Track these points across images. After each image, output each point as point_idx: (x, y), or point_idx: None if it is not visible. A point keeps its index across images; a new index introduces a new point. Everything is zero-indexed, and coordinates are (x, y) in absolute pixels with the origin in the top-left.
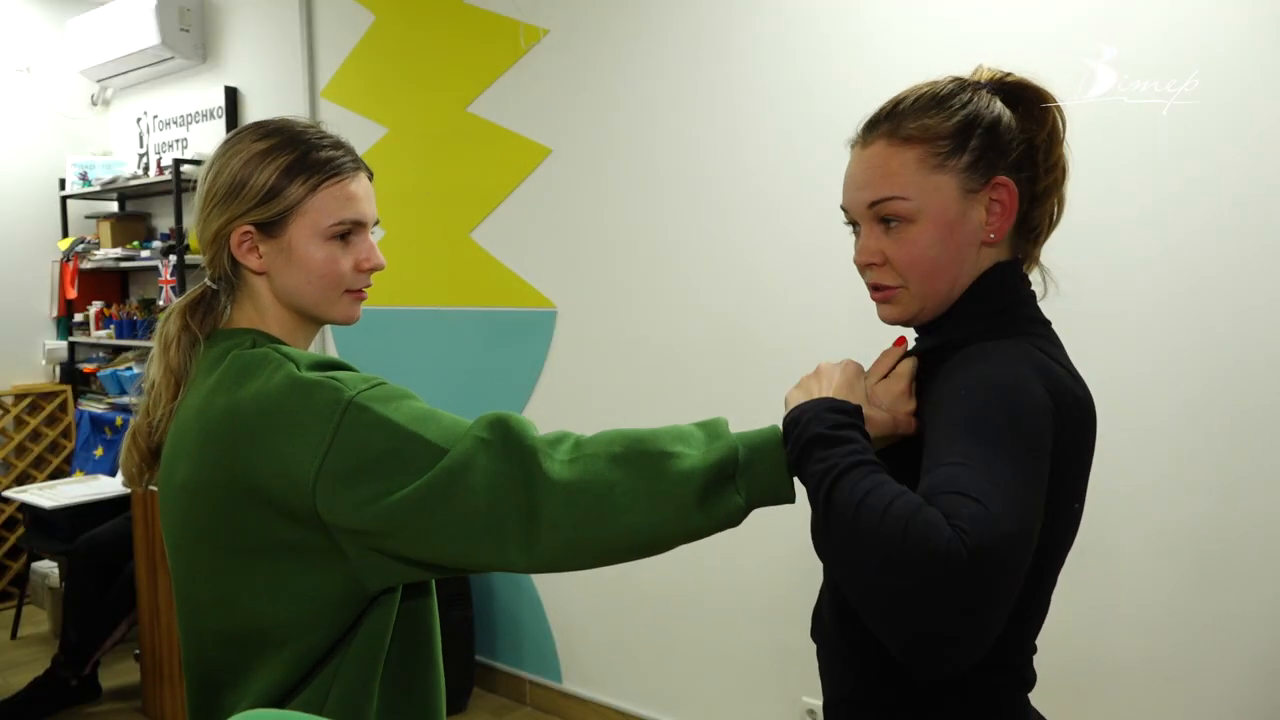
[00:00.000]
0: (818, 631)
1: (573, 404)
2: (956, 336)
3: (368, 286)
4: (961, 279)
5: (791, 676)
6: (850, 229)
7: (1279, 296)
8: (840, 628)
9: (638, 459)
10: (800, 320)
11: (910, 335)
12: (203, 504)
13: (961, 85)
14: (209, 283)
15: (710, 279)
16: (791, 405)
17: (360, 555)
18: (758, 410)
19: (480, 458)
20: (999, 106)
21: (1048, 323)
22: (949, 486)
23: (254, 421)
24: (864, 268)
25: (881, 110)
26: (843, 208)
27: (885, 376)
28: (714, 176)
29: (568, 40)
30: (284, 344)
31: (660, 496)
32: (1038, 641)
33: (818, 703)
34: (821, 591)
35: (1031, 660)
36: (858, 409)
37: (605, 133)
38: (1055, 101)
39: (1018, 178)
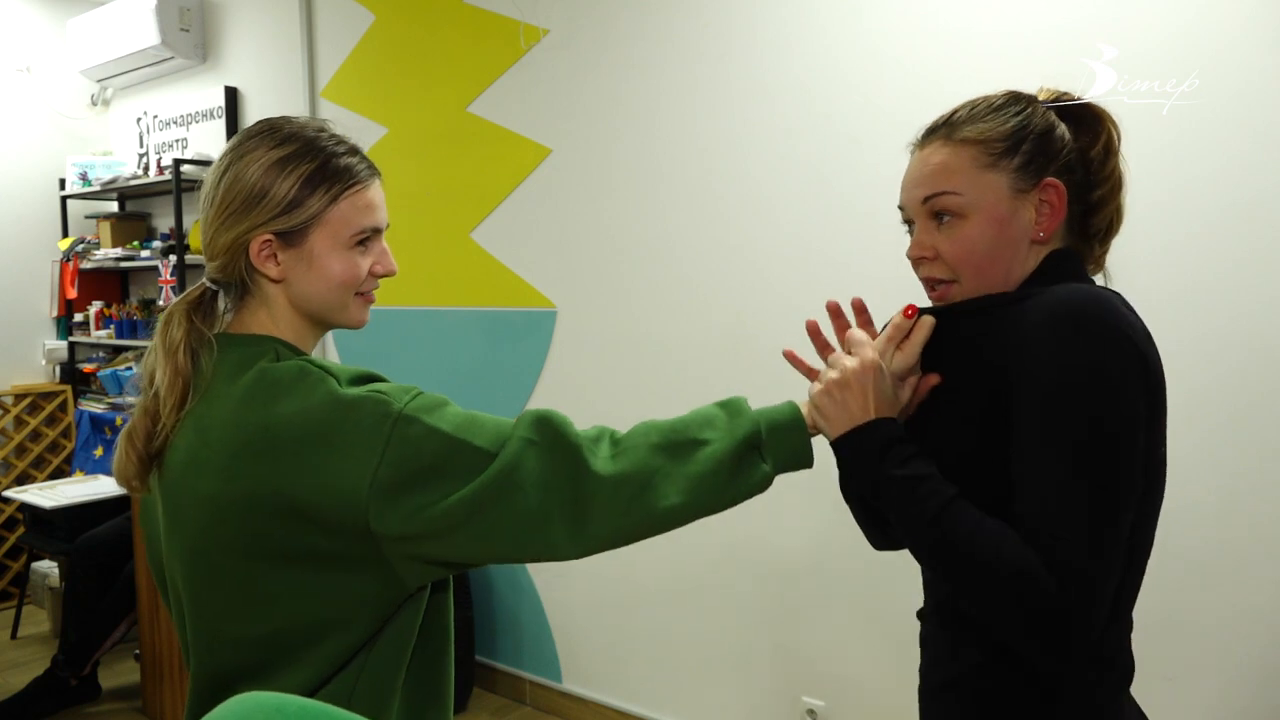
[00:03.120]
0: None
1: (573, 404)
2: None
3: (376, 289)
4: (1014, 275)
5: (791, 676)
6: (905, 228)
7: (1279, 296)
8: (942, 620)
9: (673, 447)
10: (798, 319)
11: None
12: (235, 517)
13: (1017, 98)
14: (209, 283)
15: (710, 278)
16: (830, 419)
17: (403, 560)
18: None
19: (529, 458)
20: (1054, 119)
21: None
22: (1050, 530)
23: (298, 439)
24: (917, 262)
25: (940, 118)
26: (900, 206)
27: (899, 348)
28: (714, 176)
29: (568, 40)
30: (305, 353)
31: (697, 478)
32: None
33: (818, 703)
34: (927, 587)
35: (1129, 647)
36: (905, 430)
37: (605, 133)
38: (1110, 117)
39: (1068, 180)
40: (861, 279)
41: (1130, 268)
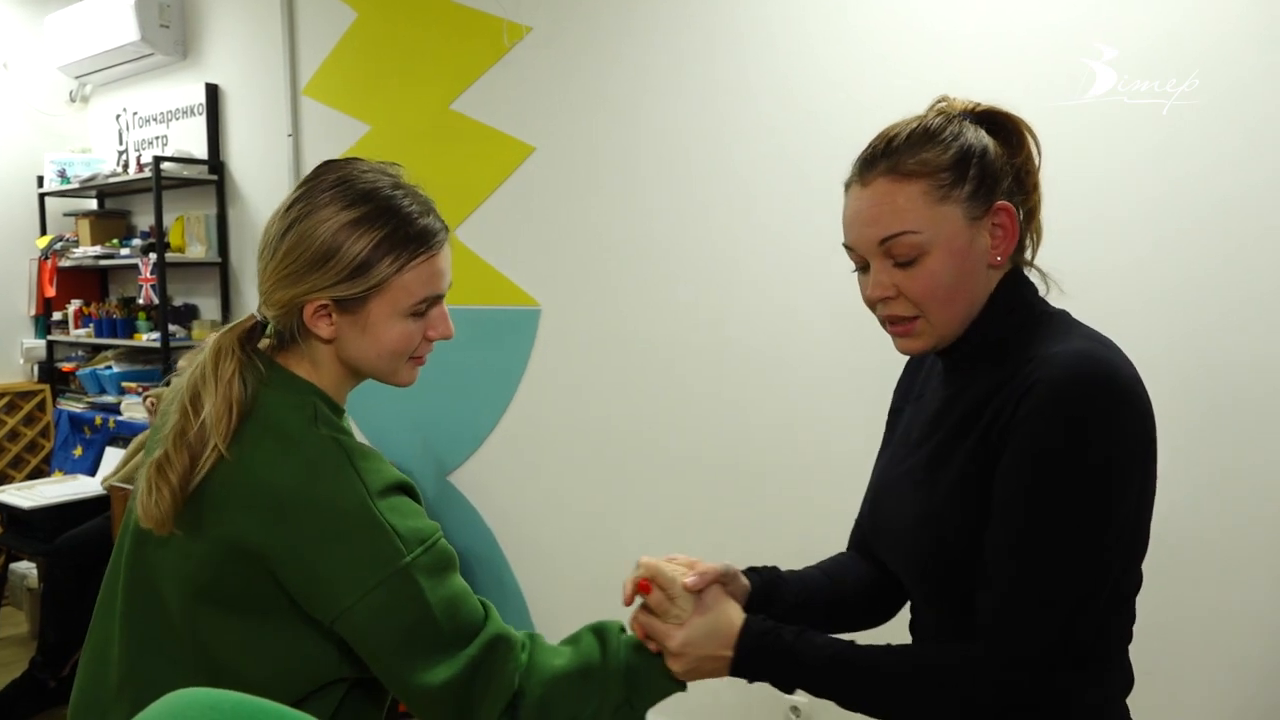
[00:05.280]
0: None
1: (556, 402)
2: (990, 336)
3: (429, 351)
4: (976, 301)
5: None
6: (853, 268)
7: (1277, 296)
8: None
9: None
10: (782, 318)
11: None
12: (208, 557)
13: (948, 118)
14: (259, 316)
15: (694, 277)
16: (706, 674)
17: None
18: (742, 407)
19: (467, 680)
20: (984, 135)
21: (1063, 313)
22: (1015, 611)
23: (309, 531)
24: (876, 302)
25: (876, 148)
26: (847, 246)
27: (670, 599)
28: (697, 174)
29: (551, 38)
30: (340, 408)
31: None
32: None
33: (801, 700)
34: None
35: (1126, 661)
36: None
37: (588, 130)
38: (1027, 125)
39: (1014, 201)
40: (845, 277)
41: (1129, 267)
